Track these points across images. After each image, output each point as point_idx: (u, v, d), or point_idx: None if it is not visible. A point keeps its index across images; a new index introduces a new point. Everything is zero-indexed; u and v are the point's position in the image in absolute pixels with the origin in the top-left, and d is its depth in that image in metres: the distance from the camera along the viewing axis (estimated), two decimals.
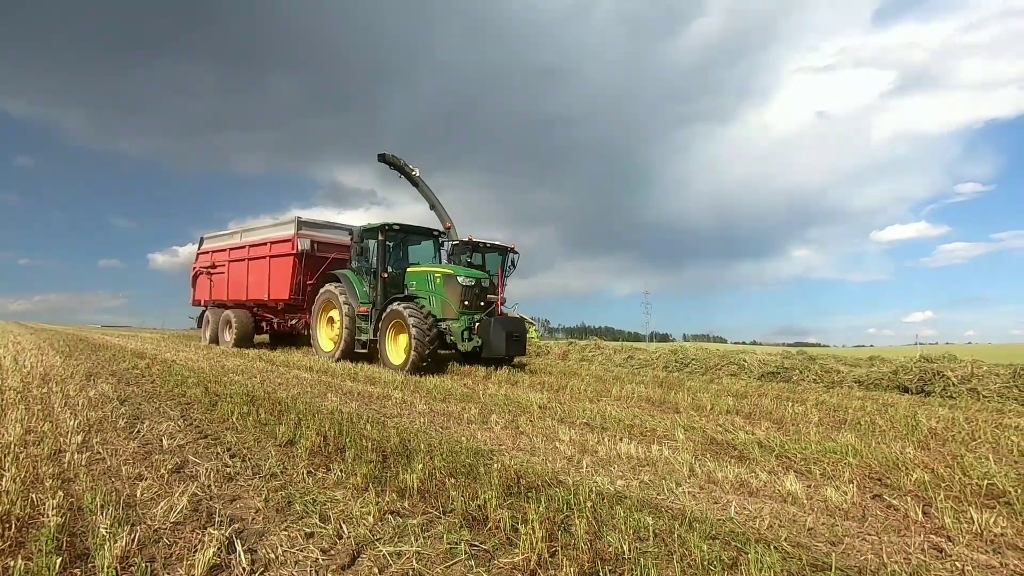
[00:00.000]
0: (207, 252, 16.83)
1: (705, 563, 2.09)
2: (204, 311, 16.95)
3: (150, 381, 7.29)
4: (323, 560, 2.23)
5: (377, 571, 2.14)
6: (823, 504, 2.95)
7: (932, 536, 2.54)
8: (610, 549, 2.24)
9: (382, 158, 13.94)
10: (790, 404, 6.17)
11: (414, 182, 13.10)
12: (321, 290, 11.71)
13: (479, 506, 2.66)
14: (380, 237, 10.56)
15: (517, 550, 2.25)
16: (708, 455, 3.95)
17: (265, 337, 16.31)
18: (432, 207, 14.52)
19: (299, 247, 12.96)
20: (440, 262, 11.43)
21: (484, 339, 9.15)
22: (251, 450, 3.82)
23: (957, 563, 2.23)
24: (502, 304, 10.35)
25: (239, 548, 2.22)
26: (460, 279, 9.62)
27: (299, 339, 15.60)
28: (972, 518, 2.67)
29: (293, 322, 14.09)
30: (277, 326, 14.71)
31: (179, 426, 4.50)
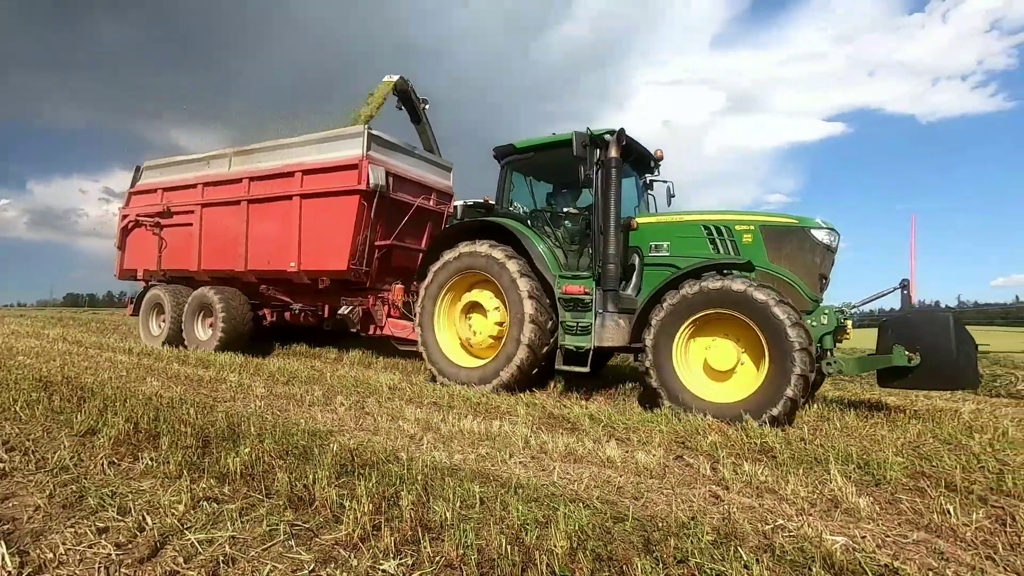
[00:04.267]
0: (152, 191, 10.22)
1: (521, 523, 2.25)
2: (148, 289, 10.23)
3: None
4: (117, 555, 2.01)
5: (182, 560, 1.99)
6: (634, 466, 3.31)
7: (713, 487, 2.99)
8: (435, 518, 2.31)
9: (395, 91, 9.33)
10: (623, 381, 6.79)
11: (418, 119, 9.41)
12: (446, 257, 6.33)
13: (306, 486, 2.58)
14: (612, 154, 5.55)
15: (342, 526, 2.23)
16: (544, 428, 4.22)
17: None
18: (430, 152, 10.10)
19: (371, 180, 7.68)
20: (648, 211, 6.77)
21: (933, 356, 4.59)
22: (37, 442, 3.30)
23: (727, 506, 2.65)
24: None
25: (3, 550, 1.91)
26: (818, 233, 5.19)
27: (327, 337, 9.83)
28: (745, 470, 3.18)
29: (345, 311, 8.39)
30: (298, 317, 9.10)
31: None
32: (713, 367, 4.85)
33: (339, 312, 8.45)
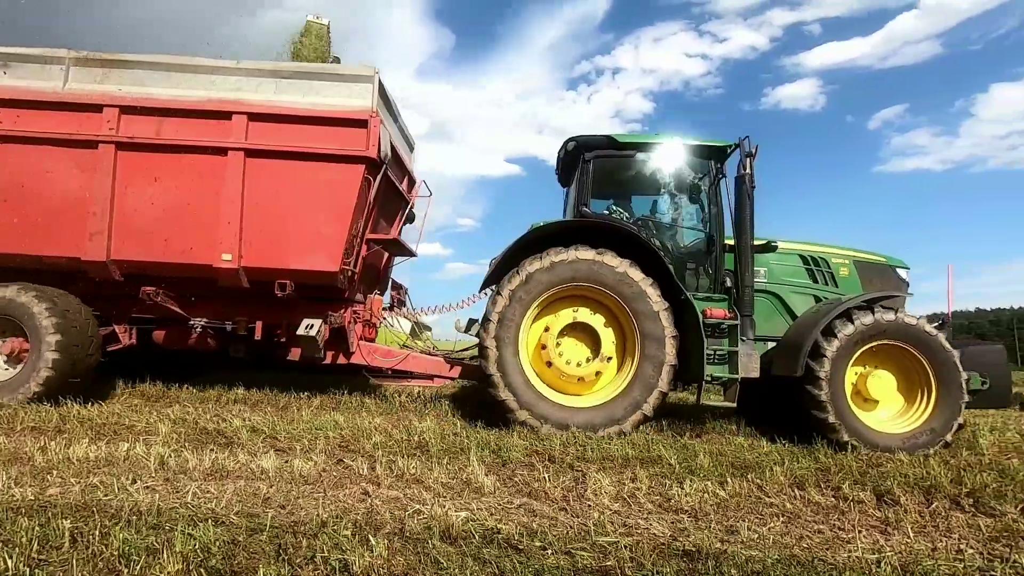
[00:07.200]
0: None
1: (122, 554, 1.92)
2: None
3: None
4: None
5: None
6: (289, 475, 3.20)
7: (366, 484, 3.11)
8: None
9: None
10: (297, 390, 6.46)
11: None
12: (532, 268, 4.90)
13: None
14: (748, 165, 5.11)
15: None
16: (190, 445, 3.72)
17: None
18: None
19: (381, 147, 5.50)
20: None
21: (994, 380, 5.06)
22: None
23: (374, 500, 2.79)
24: None
25: None
26: (902, 272, 5.74)
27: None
28: (399, 465, 3.41)
29: (312, 331, 5.52)
30: (187, 338, 5.92)
31: None
32: (873, 396, 4.83)
33: (300, 332, 5.60)
